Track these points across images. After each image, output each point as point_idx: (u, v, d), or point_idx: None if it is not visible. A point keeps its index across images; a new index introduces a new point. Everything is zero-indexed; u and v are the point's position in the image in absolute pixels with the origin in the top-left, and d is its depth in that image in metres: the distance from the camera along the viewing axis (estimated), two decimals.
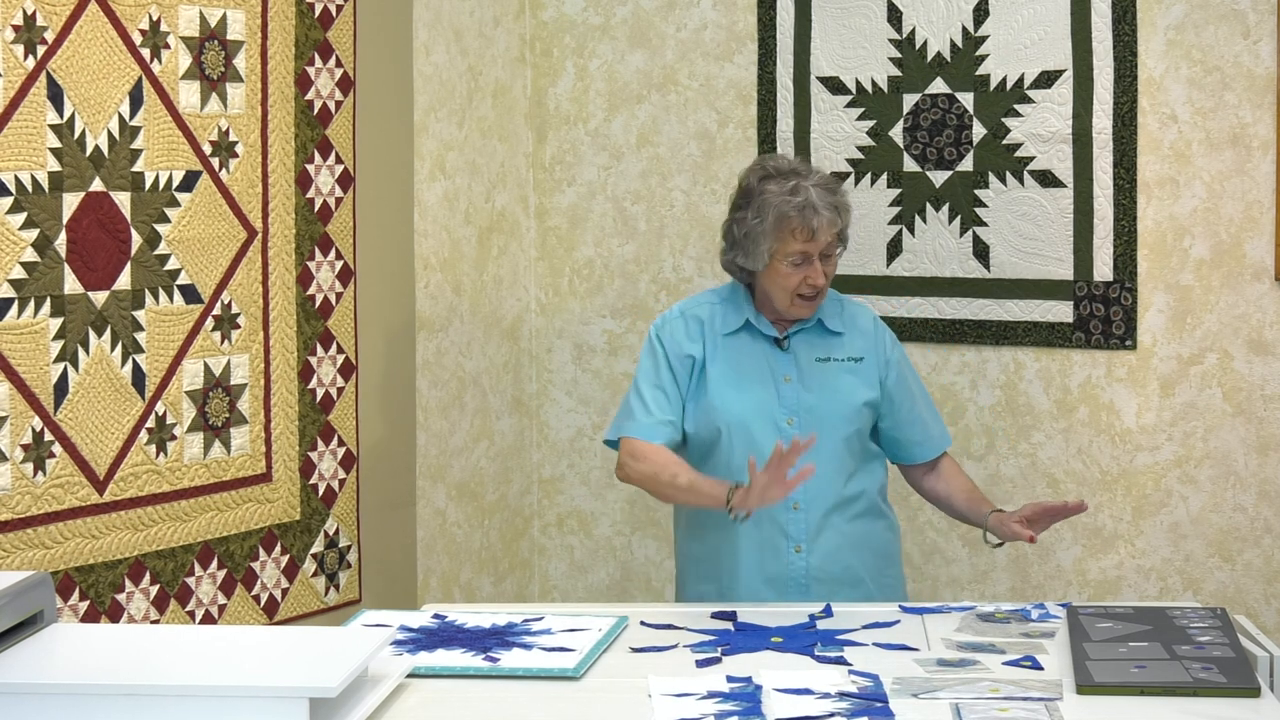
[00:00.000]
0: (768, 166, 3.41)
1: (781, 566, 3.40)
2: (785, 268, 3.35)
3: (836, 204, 3.36)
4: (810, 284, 3.35)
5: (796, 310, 3.40)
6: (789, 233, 3.32)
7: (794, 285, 3.36)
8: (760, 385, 3.42)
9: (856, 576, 3.43)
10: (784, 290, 3.37)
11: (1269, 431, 4.04)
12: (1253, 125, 4.00)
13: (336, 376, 3.94)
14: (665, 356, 3.44)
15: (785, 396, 3.41)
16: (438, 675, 2.71)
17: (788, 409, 3.40)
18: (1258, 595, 4.08)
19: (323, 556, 3.91)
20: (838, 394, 3.42)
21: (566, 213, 4.71)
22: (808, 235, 3.32)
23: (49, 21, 3.24)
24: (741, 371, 3.43)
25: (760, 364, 3.44)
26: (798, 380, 3.42)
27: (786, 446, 3.08)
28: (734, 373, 3.43)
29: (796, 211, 3.31)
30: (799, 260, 3.34)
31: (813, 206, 3.31)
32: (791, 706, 2.52)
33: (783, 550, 3.40)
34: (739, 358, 3.44)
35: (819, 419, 3.38)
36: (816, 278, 3.35)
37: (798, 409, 3.40)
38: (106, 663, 2.50)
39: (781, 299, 3.39)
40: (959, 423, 4.32)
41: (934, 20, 4.27)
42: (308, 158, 3.84)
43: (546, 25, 4.69)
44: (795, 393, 3.41)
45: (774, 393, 3.41)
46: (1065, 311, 4.18)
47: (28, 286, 3.22)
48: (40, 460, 3.26)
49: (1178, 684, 2.56)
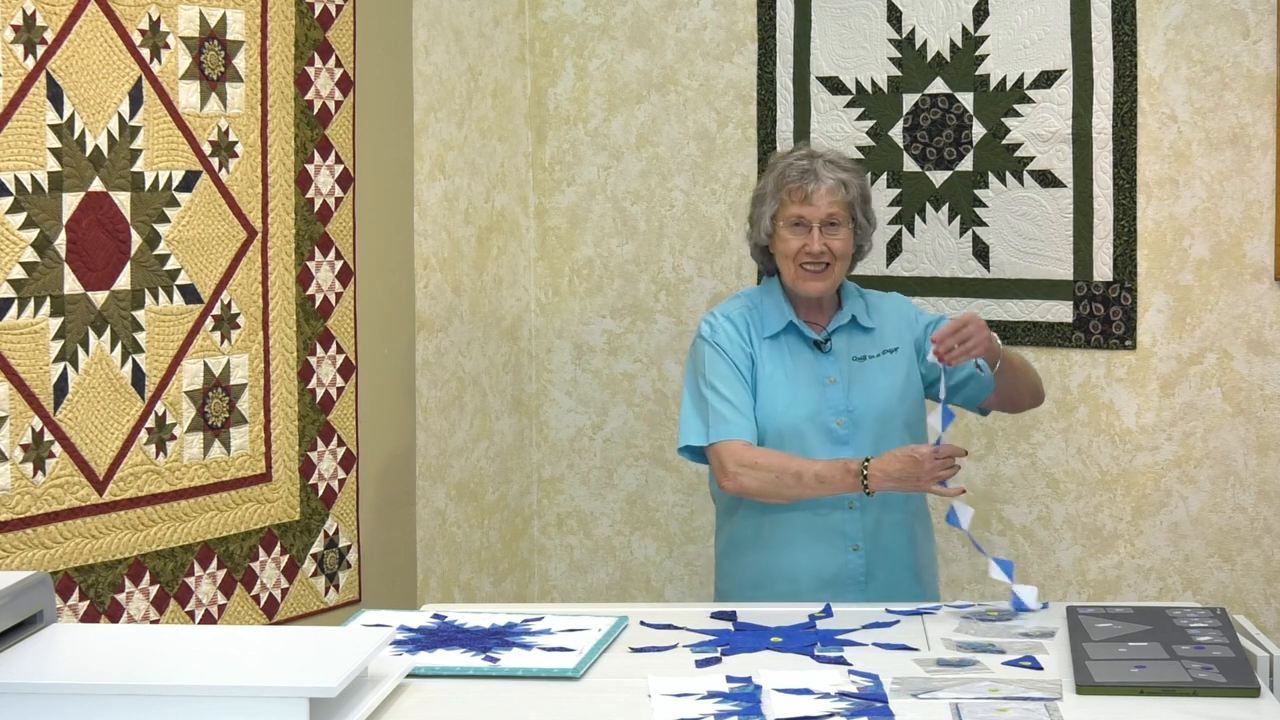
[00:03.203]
0: (798, 146, 3.52)
1: (839, 567, 3.40)
2: (785, 232, 3.39)
3: (844, 179, 3.40)
4: (808, 252, 3.37)
5: (802, 284, 3.40)
6: (787, 194, 3.39)
7: (793, 252, 3.38)
8: (807, 388, 3.41)
9: (914, 573, 3.43)
10: (786, 259, 3.40)
11: (1269, 431, 4.04)
12: (1252, 125, 4.00)
13: (336, 376, 3.94)
14: (728, 356, 3.40)
15: (831, 399, 3.41)
16: (438, 675, 2.71)
17: (835, 410, 3.40)
18: (1258, 595, 4.08)
19: (322, 556, 3.91)
20: (879, 391, 3.42)
21: (566, 213, 4.71)
22: (803, 197, 3.37)
23: (49, 21, 3.24)
24: (788, 375, 3.42)
25: (805, 367, 3.43)
26: (842, 382, 3.42)
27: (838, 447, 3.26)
28: (782, 376, 3.42)
29: (797, 174, 3.39)
30: (796, 223, 3.38)
31: (814, 173, 3.38)
32: (791, 706, 2.52)
33: (840, 550, 3.40)
34: (784, 361, 3.43)
35: (864, 418, 3.39)
36: (813, 244, 3.37)
37: (844, 410, 3.40)
38: (106, 663, 2.49)
39: (787, 270, 3.41)
40: (959, 422, 4.32)
41: (934, 20, 4.27)
42: (307, 158, 3.84)
43: (546, 25, 4.69)
44: (841, 394, 3.41)
45: (821, 395, 3.41)
46: (1065, 311, 4.18)
47: (28, 286, 3.22)
48: (40, 460, 3.25)
49: (1178, 684, 2.57)
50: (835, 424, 3.39)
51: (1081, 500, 4.21)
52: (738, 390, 3.38)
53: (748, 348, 3.42)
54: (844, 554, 3.40)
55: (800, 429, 3.38)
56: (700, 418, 3.39)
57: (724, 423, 3.35)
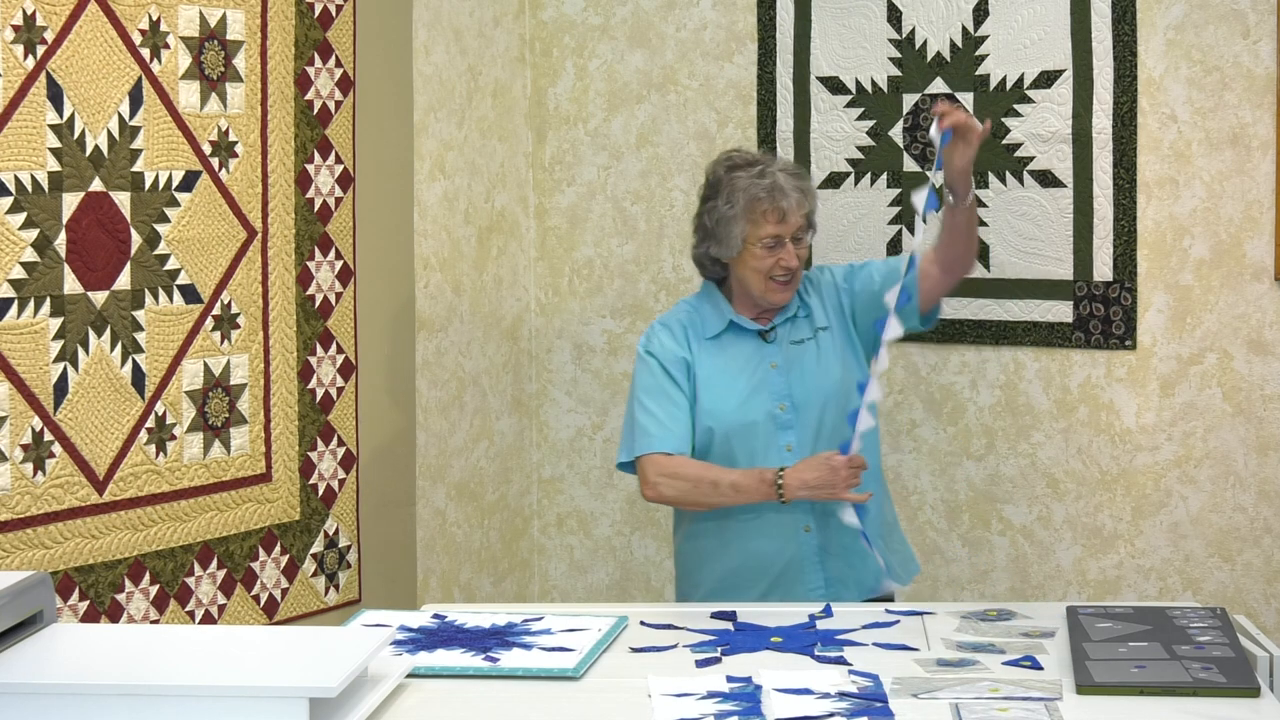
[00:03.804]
0: (734, 158, 3.53)
1: (795, 549, 3.45)
2: (759, 250, 3.43)
3: (802, 188, 3.48)
4: (783, 266, 3.43)
5: (772, 295, 3.46)
6: (760, 215, 3.42)
7: (767, 268, 3.43)
8: (748, 376, 3.48)
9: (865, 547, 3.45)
10: (758, 274, 3.45)
11: (1269, 431, 4.04)
12: (1252, 125, 4.00)
13: (336, 376, 3.94)
14: (661, 366, 3.49)
15: (773, 384, 3.48)
16: (438, 675, 2.71)
17: (777, 395, 3.47)
18: (1258, 595, 4.08)
19: (322, 556, 3.91)
20: (816, 372, 3.49)
21: (566, 213, 4.71)
22: (779, 216, 3.42)
23: (49, 21, 3.24)
24: (729, 368, 3.49)
25: (748, 358, 3.50)
26: (782, 367, 3.49)
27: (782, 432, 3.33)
28: (722, 370, 3.49)
29: (766, 194, 3.42)
30: (771, 243, 3.43)
31: (781, 189, 3.43)
32: (791, 706, 2.52)
33: (793, 532, 3.45)
34: (725, 357, 3.50)
35: (804, 402, 3.46)
36: (789, 259, 3.43)
37: (786, 394, 3.47)
38: (106, 663, 2.49)
39: (757, 283, 3.46)
40: (959, 422, 4.32)
41: (934, 20, 4.27)
42: (307, 158, 3.84)
43: (546, 25, 4.69)
44: (782, 378, 3.48)
45: (763, 381, 3.48)
46: (1065, 311, 4.18)
47: (28, 286, 3.22)
48: (40, 460, 3.25)
49: (1178, 684, 2.56)
50: (779, 409, 3.46)
51: (1081, 500, 4.21)
52: (664, 404, 3.46)
53: (683, 353, 3.50)
54: (797, 536, 3.46)
55: (748, 418, 3.46)
56: (629, 434, 3.50)
57: (647, 436, 3.45)
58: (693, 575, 3.56)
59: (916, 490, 4.38)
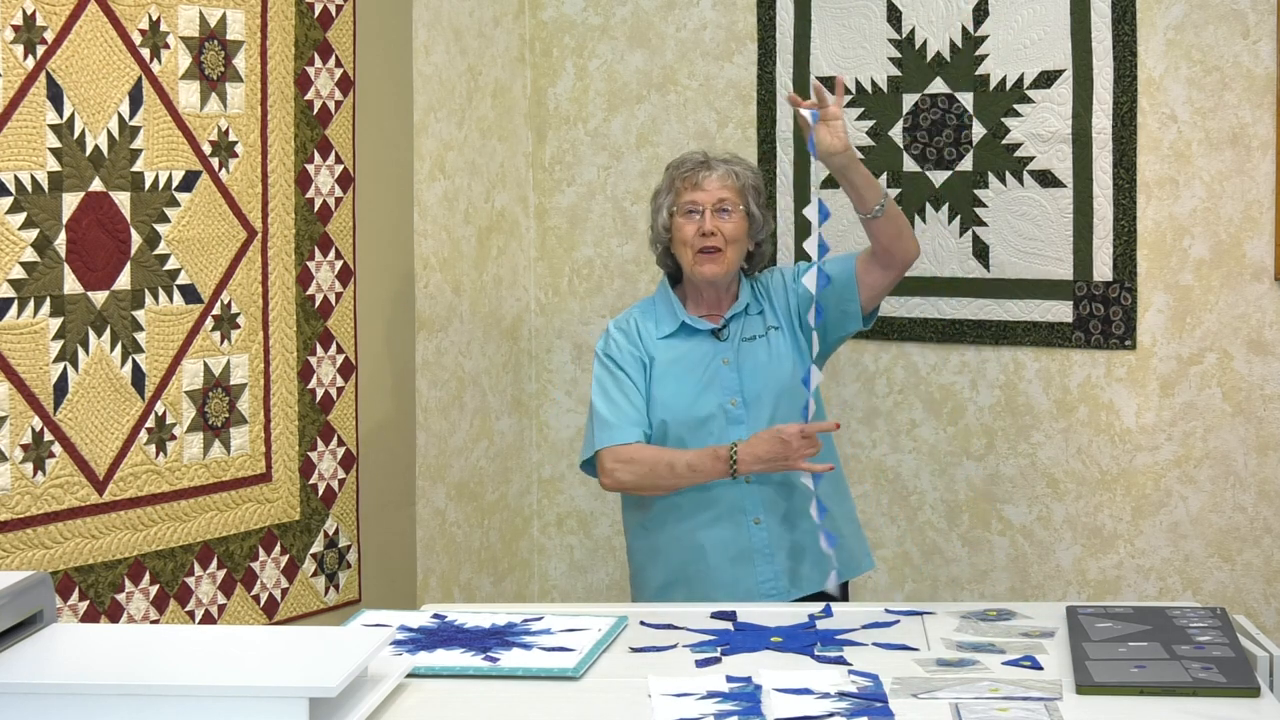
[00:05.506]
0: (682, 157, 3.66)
1: (745, 541, 3.51)
2: (680, 219, 3.53)
3: (735, 170, 3.57)
4: (701, 232, 3.50)
5: (700, 267, 3.52)
6: (682, 183, 3.54)
7: (689, 237, 3.51)
8: (700, 372, 3.54)
9: (815, 540, 3.48)
10: (684, 245, 3.53)
11: (1269, 431, 4.04)
12: (1252, 125, 4.00)
13: (336, 376, 3.94)
14: (616, 364, 3.56)
15: (725, 379, 3.53)
16: (437, 675, 2.71)
17: (729, 390, 3.53)
18: (1258, 595, 4.08)
19: (322, 556, 3.91)
20: (766, 369, 3.54)
21: (566, 213, 4.71)
22: (694, 184, 3.52)
23: (49, 21, 3.24)
24: (682, 364, 3.56)
25: (701, 354, 3.56)
26: (734, 363, 3.54)
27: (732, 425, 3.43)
28: (675, 367, 3.56)
29: (691, 166, 3.56)
30: (689, 208, 3.52)
31: (706, 164, 3.56)
32: (791, 706, 2.52)
33: (743, 525, 3.51)
34: (678, 354, 3.57)
35: (755, 397, 3.52)
36: (706, 224, 3.49)
37: (737, 389, 3.52)
38: (106, 663, 2.49)
39: (685, 257, 3.54)
40: (959, 422, 4.32)
41: (934, 20, 4.27)
42: (307, 158, 3.84)
43: (546, 25, 4.69)
44: (733, 374, 3.53)
45: (715, 377, 3.54)
46: (1065, 311, 4.18)
47: (27, 286, 3.22)
48: (40, 460, 3.26)
49: (1177, 684, 2.56)
50: (730, 404, 3.52)
51: (1081, 500, 4.21)
52: (620, 401, 3.53)
53: (638, 352, 3.56)
54: (746, 528, 3.51)
55: (701, 413, 3.52)
56: (590, 433, 3.57)
57: (607, 429, 3.51)
58: (644, 570, 3.60)
59: (916, 490, 4.38)
